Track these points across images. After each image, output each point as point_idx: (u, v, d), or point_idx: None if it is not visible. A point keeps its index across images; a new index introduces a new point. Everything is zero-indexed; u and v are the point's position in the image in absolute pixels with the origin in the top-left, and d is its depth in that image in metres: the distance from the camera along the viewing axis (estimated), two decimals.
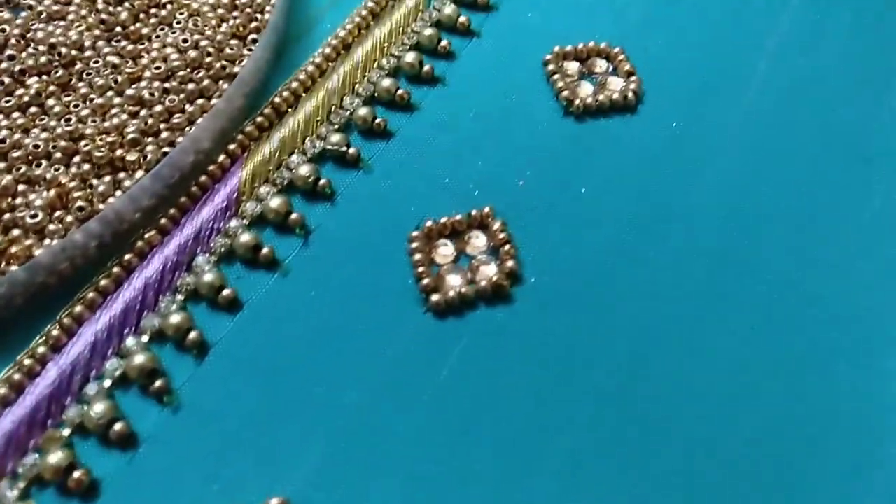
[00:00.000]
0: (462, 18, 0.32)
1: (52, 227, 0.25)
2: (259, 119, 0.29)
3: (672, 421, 0.23)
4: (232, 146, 0.28)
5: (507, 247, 0.26)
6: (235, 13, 0.31)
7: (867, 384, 0.24)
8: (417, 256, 0.25)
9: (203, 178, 0.27)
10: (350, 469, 0.22)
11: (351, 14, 0.32)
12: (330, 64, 0.31)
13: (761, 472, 0.22)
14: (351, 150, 0.28)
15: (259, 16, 0.31)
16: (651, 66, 0.31)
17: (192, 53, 0.29)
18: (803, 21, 0.32)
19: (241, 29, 0.30)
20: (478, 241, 0.26)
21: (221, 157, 0.28)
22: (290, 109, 0.29)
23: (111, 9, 0.30)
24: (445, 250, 0.26)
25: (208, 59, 0.29)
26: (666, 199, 0.27)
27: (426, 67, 0.30)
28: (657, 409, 0.23)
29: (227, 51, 0.29)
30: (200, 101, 0.28)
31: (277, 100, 0.29)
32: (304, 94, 0.30)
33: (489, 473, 0.22)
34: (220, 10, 0.31)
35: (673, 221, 0.27)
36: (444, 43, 0.31)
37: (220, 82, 0.29)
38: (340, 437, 0.23)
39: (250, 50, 0.30)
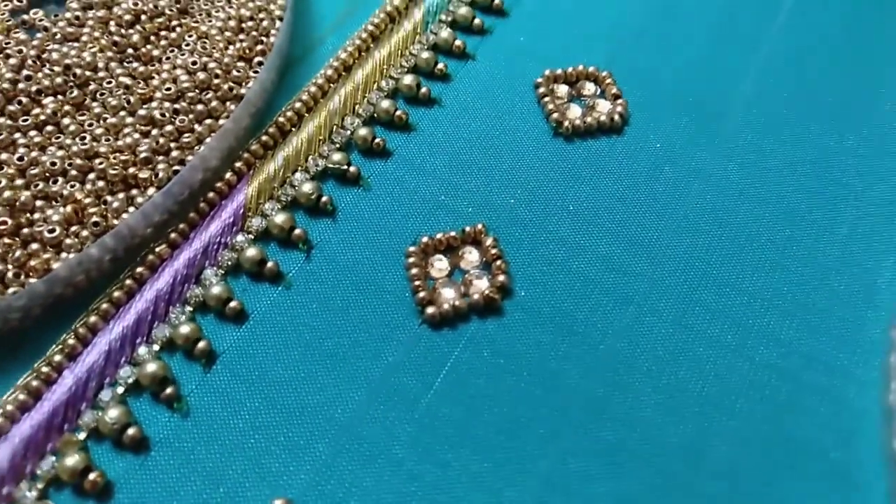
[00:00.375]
0: (458, 42, 0.34)
1: (68, 241, 0.27)
2: (264, 138, 0.30)
3: (655, 426, 0.24)
4: (238, 164, 0.29)
5: (498, 262, 0.27)
6: (242, 36, 0.32)
7: (840, 390, 0.25)
8: (414, 271, 0.27)
9: (211, 194, 0.29)
10: (349, 472, 0.23)
11: (351, 37, 0.34)
12: (331, 85, 0.32)
13: (739, 475, 0.24)
14: (351, 169, 0.30)
15: (264, 39, 0.32)
16: (638, 88, 0.32)
17: (201, 75, 0.30)
18: (785, 45, 0.34)
19: (247, 52, 0.32)
20: (471, 256, 0.28)
21: (228, 175, 0.29)
22: (293, 129, 0.31)
23: (123, 31, 0.32)
24: (440, 265, 0.27)
25: (216, 81, 0.30)
26: (650, 215, 0.29)
27: (423, 89, 0.32)
28: (641, 416, 0.24)
29: (234, 73, 0.31)
30: (209, 121, 0.30)
31: (281, 119, 0.31)
32: (306, 114, 0.31)
33: (481, 474, 0.23)
34: (228, 33, 0.32)
35: (657, 237, 0.28)
36: (440, 66, 0.33)
37: (228, 103, 0.30)
38: (340, 442, 0.24)
39: (256, 72, 0.31)
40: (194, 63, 0.31)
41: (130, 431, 0.24)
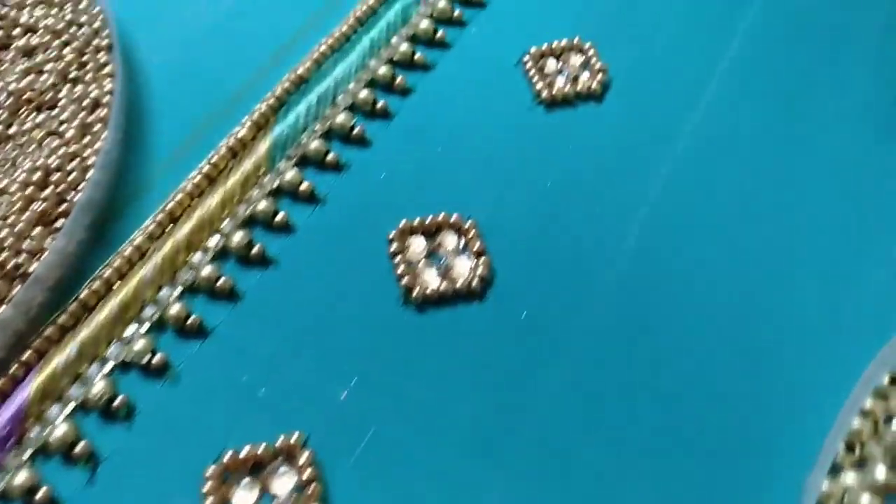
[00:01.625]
0: (305, 184, 0.29)
1: None
2: (63, 318, 0.26)
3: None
4: (26, 355, 0.25)
5: (308, 473, 0.23)
6: (46, 192, 0.28)
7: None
8: (210, 500, 0.22)
9: None
10: None
11: (186, 179, 0.29)
12: (153, 245, 0.28)
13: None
14: (156, 358, 0.25)
15: (71, 194, 0.28)
16: (504, 242, 0.28)
17: None
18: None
19: (46, 214, 0.27)
20: (285, 482, 0.23)
21: (14, 368, 0.25)
22: (99, 303, 0.26)
23: None
24: (244, 495, 0.23)
25: (2, 257, 0.26)
26: (516, 379, 0.25)
27: (255, 248, 0.27)
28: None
29: (26, 244, 0.26)
30: None
31: (85, 293, 0.26)
32: (118, 283, 0.27)
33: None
34: (30, 189, 0.28)
35: (521, 404, 0.24)
36: (280, 216, 0.28)
37: (14, 282, 0.26)
38: None
39: (55, 239, 0.27)
40: None
41: None
